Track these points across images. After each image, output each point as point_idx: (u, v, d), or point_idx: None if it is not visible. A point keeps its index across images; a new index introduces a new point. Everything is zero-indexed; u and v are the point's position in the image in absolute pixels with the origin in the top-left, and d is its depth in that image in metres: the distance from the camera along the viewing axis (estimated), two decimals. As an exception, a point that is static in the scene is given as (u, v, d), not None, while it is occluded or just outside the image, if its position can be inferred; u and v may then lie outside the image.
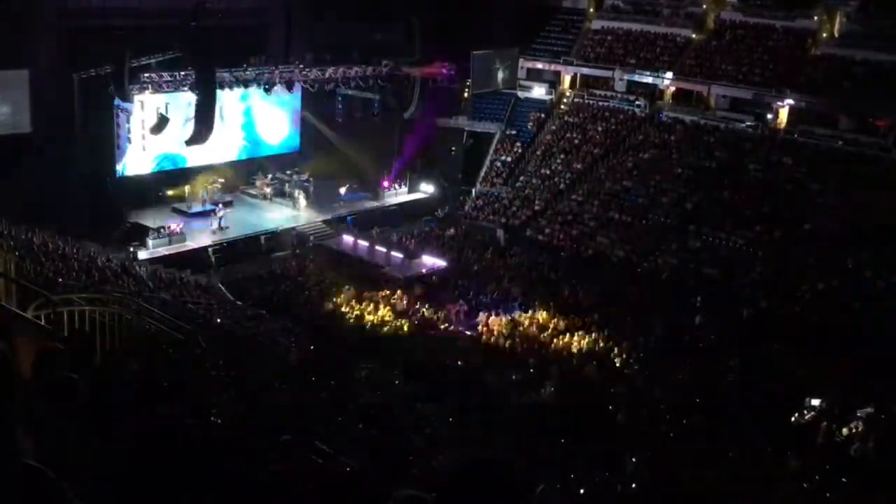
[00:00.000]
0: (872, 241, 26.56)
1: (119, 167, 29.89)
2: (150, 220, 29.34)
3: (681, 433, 17.65)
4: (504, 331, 23.09)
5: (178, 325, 13.38)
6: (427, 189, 37.17)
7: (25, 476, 1.70)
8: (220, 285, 26.10)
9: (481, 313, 24.40)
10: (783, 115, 32.87)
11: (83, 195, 28.25)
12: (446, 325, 23.81)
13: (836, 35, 33.30)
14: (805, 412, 18.70)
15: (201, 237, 29.44)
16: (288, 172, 35.34)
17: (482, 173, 37.11)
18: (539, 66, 39.38)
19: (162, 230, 28.27)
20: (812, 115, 32.23)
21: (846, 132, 31.05)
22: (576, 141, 36.55)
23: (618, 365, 21.06)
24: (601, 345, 22.23)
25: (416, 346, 21.92)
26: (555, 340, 22.47)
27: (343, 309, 24.15)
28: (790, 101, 32.53)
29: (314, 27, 34.88)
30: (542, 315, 24.17)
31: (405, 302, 24.81)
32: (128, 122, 29.15)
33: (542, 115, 38.36)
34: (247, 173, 35.03)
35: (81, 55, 27.46)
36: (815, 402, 18.88)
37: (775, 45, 34.53)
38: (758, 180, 31.21)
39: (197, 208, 31.54)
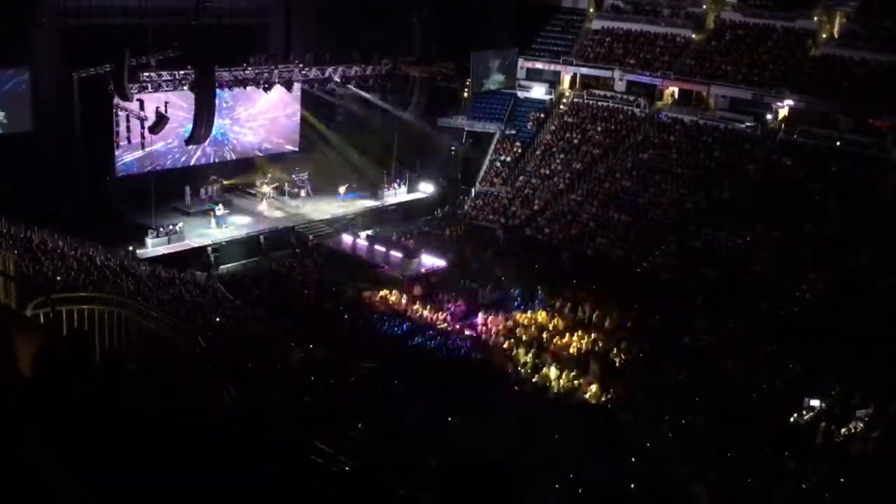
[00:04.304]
0: (872, 241, 26.56)
1: (118, 166, 29.87)
2: (148, 218, 29.29)
3: (681, 433, 17.64)
4: (503, 331, 23.04)
5: (177, 325, 13.35)
6: (426, 189, 37.14)
7: (28, 470, 1.69)
8: (220, 285, 26.08)
9: (481, 314, 24.38)
10: (783, 115, 32.87)
11: (82, 194, 28.25)
12: (445, 324, 23.80)
13: (836, 35, 33.29)
14: (805, 412, 18.71)
15: (201, 236, 29.42)
16: (288, 172, 35.32)
17: (482, 173, 37.12)
18: (539, 65, 39.38)
19: (161, 229, 28.25)
20: (812, 116, 32.22)
21: (846, 132, 31.05)
22: (575, 141, 36.56)
23: (618, 365, 21.04)
24: (600, 345, 22.23)
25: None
26: (555, 339, 22.46)
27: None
28: (790, 102, 32.53)
29: (314, 26, 34.87)
30: (541, 315, 24.16)
31: (403, 301, 24.84)
32: (127, 121, 29.12)
33: (542, 115, 38.37)
34: (246, 172, 34.98)
35: (81, 54, 27.43)
36: (815, 402, 18.89)
37: (775, 46, 34.52)
38: (757, 180, 31.20)
39: (196, 207, 31.53)
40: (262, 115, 34.80)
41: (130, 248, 27.14)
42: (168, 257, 27.40)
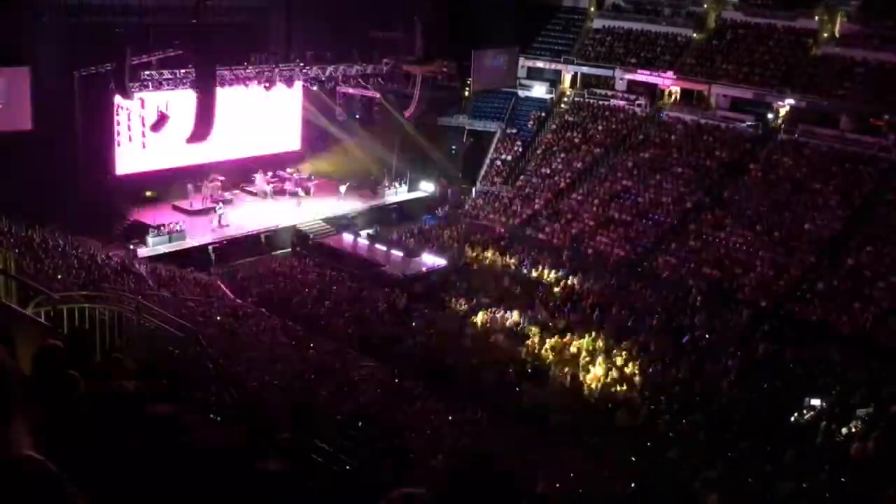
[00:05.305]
0: (872, 242, 26.56)
1: (119, 165, 29.89)
2: (149, 217, 29.32)
3: (681, 433, 17.64)
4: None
5: (178, 323, 13.36)
6: (427, 188, 37.15)
7: (26, 467, 1.69)
8: (220, 283, 26.08)
9: (480, 312, 24.32)
10: (784, 114, 32.86)
11: (83, 193, 28.25)
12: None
13: (837, 35, 33.29)
14: (805, 412, 18.70)
15: (201, 235, 29.43)
16: (288, 171, 35.33)
17: (482, 172, 37.12)
18: (540, 64, 39.38)
19: (162, 228, 28.27)
20: (812, 115, 32.22)
21: (846, 132, 31.04)
22: (576, 140, 36.55)
23: (618, 363, 21.04)
24: (600, 344, 22.24)
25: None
26: (555, 338, 22.47)
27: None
28: (791, 101, 32.52)
29: (315, 25, 34.86)
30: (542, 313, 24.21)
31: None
32: (128, 119, 29.13)
33: (543, 114, 38.36)
34: (247, 171, 34.97)
35: (82, 52, 27.43)
36: (815, 402, 18.88)
37: (776, 45, 34.52)
38: (758, 180, 31.20)
39: (197, 206, 31.53)
40: (262, 113, 34.75)
41: (131, 247, 27.17)
42: (169, 256, 27.43)
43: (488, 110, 38.68)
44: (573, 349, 21.94)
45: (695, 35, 36.69)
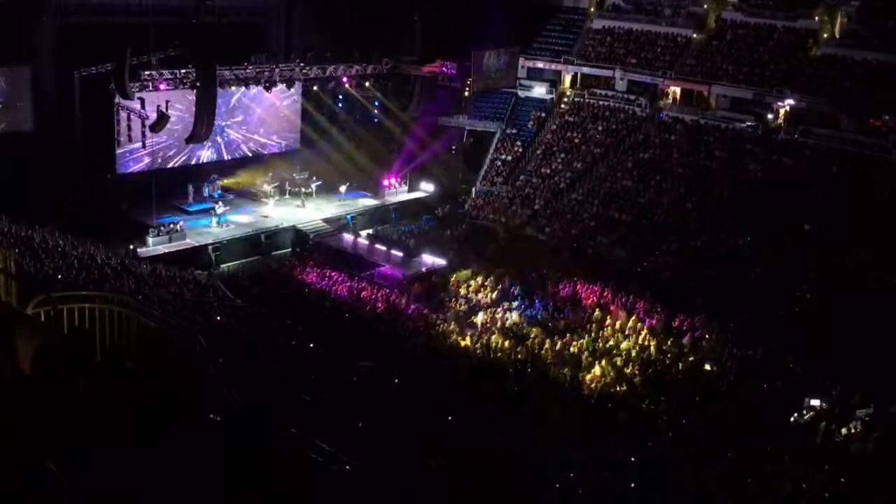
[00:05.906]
0: (872, 241, 26.53)
1: (119, 165, 29.90)
2: (149, 217, 29.31)
3: (681, 433, 17.64)
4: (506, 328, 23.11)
5: (177, 324, 13.33)
6: (427, 188, 37.16)
7: (28, 470, 1.70)
8: (220, 283, 26.07)
9: (480, 312, 24.41)
10: (784, 114, 32.85)
11: (83, 193, 28.29)
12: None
13: (837, 35, 33.27)
14: (805, 412, 18.70)
15: (201, 235, 29.45)
16: (289, 171, 35.33)
17: (482, 172, 37.13)
18: (540, 65, 39.37)
19: (161, 228, 28.29)
20: (812, 115, 32.20)
21: (846, 132, 31.02)
22: (576, 140, 36.56)
23: (619, 364, 21.04)
24: (601, 345, 22.25)
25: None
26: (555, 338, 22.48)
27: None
28: (790, 101, 32.50)
29: (315, 25, 34.89)
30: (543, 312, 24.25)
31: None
32: (128, 119, 29.15)
33: (543, 115, 38.35)
34: (247, 171, 34.97)
35: (82, 53, 27.46)
36: (815, 402, 18.88)
37: (776, 45, 34.49)
38: (758, 180, 31.18)
39: (197, 206, 31.55)
40: (262, 113, 34.79)
41: (131, 247, 27.18)
42: (169, 256, 27.43)
43: (488, 110, 38.69)
44: (573, 349, 21.97)
45: (695, 35, 36.65)
